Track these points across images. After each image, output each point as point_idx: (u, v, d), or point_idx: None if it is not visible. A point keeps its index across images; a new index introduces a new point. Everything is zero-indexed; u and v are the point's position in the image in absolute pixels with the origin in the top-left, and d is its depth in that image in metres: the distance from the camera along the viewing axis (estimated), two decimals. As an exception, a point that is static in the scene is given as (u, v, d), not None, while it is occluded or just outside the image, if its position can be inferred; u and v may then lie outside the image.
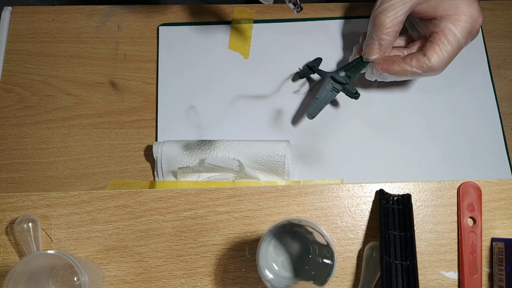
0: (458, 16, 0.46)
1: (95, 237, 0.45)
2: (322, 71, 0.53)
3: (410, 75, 0.48)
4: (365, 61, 0.50)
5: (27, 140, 0.54)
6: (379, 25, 0.47)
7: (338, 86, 0.51)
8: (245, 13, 0.59)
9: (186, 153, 0.51)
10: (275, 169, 0.51)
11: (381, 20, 0.47)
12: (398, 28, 0.48)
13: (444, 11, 0.47)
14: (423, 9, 0.48)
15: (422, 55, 0.47)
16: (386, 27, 0.47)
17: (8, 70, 0.57)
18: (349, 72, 0.51)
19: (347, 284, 0.44)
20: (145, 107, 0.56)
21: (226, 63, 0.57)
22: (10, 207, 0.45)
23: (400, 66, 0.48)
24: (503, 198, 0.46)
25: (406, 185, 0.46)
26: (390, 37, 0.48)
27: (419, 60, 0.47)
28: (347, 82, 0.50)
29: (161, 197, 0.46)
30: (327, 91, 0.51)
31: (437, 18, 0.47)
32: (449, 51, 0.47)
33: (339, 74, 0.51)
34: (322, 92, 0.51)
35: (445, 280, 0.44)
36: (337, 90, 0.51)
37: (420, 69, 0.47)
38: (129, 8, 0.60)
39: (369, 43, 0.49)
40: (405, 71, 0.48)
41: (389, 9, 0.47)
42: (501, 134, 0.55)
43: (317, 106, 0.50)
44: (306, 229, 0.40)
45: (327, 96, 0.51)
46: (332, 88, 0.51)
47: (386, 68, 0.48)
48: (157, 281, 0.44)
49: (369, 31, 0.50)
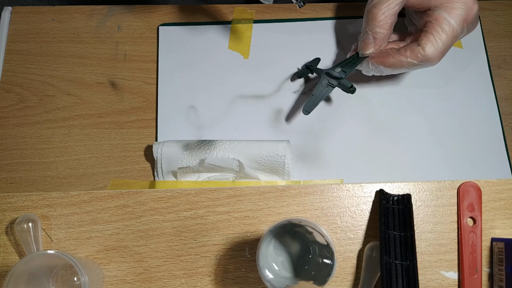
0: (452, 4, 0.46)
1: (95, 237, 0.45)
2: (319, 69, 0.53)
3: (406, 66, 0.48)
4: (361, 57, 0.50)
5: (27, 140, 0.54)
6: (372, 18, 0.47)
7: (334, 81, 0.50)
8: (245, 13, 0.59)
9: (186, 153, 0.51)
10: (275, 169, 0.51)
11: (374, 14, 0.47)
12: (391, 21, 0.47)
13: (437, 0, 0.46)
14: (416, 0, 0.47)
15: (416, 45, 0.47)
16: (378, 20, 0.47)
17: (8, 70, 0.57)
18: (345, 68, 0.51)
19: (347, 284, 0.44)
20: (145, 107, 0.56)
21: (226, 63, 0.57)
22: (10, 207, 0.45)
23: (395, 57, 0.47)
24: (503, 198, 0.46)
25: (406, 185, 0.46)
26: (384, 30, 0.47)
27: (413, 50, 0.47)
28: (342, 77, 0.50)
29: (161, 197, 0.46)
30: (322, 87, 0.51)
31: (431, 8, 0.47)
32: (444, 40, 0.46)
33: (334, 70, 0.51)
34: (318, 88, 0.51)
35: (445, 280, 0.44)
36: (332, 85, 0.50)
37: (415, 59, 0.47)
38: (129, 8, 0.60)
39: (363, 38, 0.49)
40: (400, 62, 0.47)
41: (382, 2, 0.46)
42: (501, 134, 0.55)
43: (313, 102, 0.50)
44: (306, 229, 0.40)
45: (322, 91, 0.50)
46: (328, 84, 0.50)
47: (382, 61, 0.48)
48: (157, 281, 0.44)
49: (363, 26, 0.49)
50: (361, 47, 0.49)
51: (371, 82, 0.56)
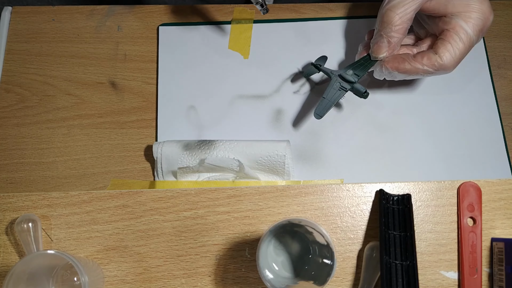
0: (470, 13, 0.46)
1: (95, 237, 0.45)
2: (328, 69, 0.52)
3: (421, 73, 0.47)
4: (373, 60, 0.49)
5: (27, 140, 0.54)
6: (388, 22, 0.46)
7: (346, 85, 0.49)
8: (245, 13, 0.59)
9: (186, 153, 0.51)
10: (275, 169, 0.51)
11: (390, 17, 0.46)
12: (407, 26, 0.47)
13: (454, 8, 0.46)
14: (432, 6, 0.47)
15: (433, 53, 0.46)
16: (395, 24, 0.46)
17: (8, 70, 0.57)
18: (357, 71, 0.49)
19: (347, 284, 0.44)
20: (145, 107, 0.56)
21: (226, 63, 0.57)
22: (10, 207, 0.45)
23: (411, 64, 0.47)
24: (503, 198, 0.46)
25: (406, 185, 0.46)
26: (399, 34, 0.47)
27: (430, 58, 0.46)
28: (356, 81, 0.49)
29: (161, 197, 0.46)
30: (334, 90, 0.49)
31: (447, 15, 0.46)
32: (461, 49, 0.46)
33: (346, 73, 0.49)
34: (329, 91, 0.49)
35: (445, 280, 0.44)
36: (345, 89, 0.49)
37: (432, 67, 0.46)
38: (129, 8, 0.60)
39: (377, 41, 0.48)
40: (416, 69, 0.47)
41: (398, 6, 0.45)
42: (501, 134, 0.55)
43: (325, 106, 0.49)
44: (306, 229, 0.40)
45: (335, 95, 0.49)
46: (340, 87, 0.49)
47: (396, 67, 0.47)
48: (157, 281, 0.44)
49: (376, 28, 0.48)
50: (374, 50, 0.48)
51: (371, 82, 0.56)
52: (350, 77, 0.49)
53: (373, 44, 0.48)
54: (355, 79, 0.49)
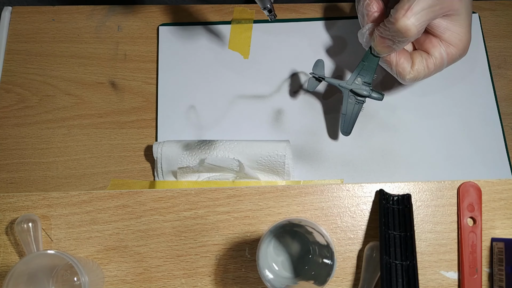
0: (456, 47, 0.46)
1: (95, 237, 0.45)
2: (334, 81, 0.51)
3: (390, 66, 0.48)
4: (376, 56, 0.47)
5: (27, 140, 0.54)
6: (405, 33, 0.42)
7: (361, 98, 0.49)
8: (245, 13, 0.59)
9: (186, 153, 0.51)
10: (275, 169, 0.51)
11: (407, 28, 0.42)
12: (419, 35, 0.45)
13: (448, 38, 0.46)
14: (435, 23, 0.45)
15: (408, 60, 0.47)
16: (410, 36, 0.43)
17: (8, 70, 0.57)
18: (365, 77, 0.48)
19: (347, 284, 0.44)
20: (145, 107, 0.56)
21: (226, 63, 0.57)
22: (10, 207, 0.45)
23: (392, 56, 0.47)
24: (503, 198, 0.46)
25: (406, 185, 0.46)
26: (408, 43, 0.45)
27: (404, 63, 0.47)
28: (370, 94, 0.49)
29: (161, 197, 0.46)
30: (352, 105, 0.49)
31: (438, 37, 0.46)
32: (431, 71, 0.47)
33: (355, 83, 0.49)
34: (346, 106, 0.49)
35: (445, 280, 0.44)
36: (362, 102, 0.49)
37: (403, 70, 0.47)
38: (129, 8, 0.60)
39: (385, 41, 0.45)
40: (390, 61, 0.47)
41: (419, 18, 0.42)
42: (501, 134, 0.55)
43: (349, 122, 0.50)
44: (306, 229, 0.40)
45: (354, 109, 0.49)
46: (356, 101, 0.49)
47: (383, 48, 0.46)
48: (157, 281, 0.44)
49: (388, 27, 0.43)
50: (378, 45, 0.46)
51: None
52: (363, 91, 0.49)
53: (377, 39, 0.45)
54: (369, 92, 0.49)
